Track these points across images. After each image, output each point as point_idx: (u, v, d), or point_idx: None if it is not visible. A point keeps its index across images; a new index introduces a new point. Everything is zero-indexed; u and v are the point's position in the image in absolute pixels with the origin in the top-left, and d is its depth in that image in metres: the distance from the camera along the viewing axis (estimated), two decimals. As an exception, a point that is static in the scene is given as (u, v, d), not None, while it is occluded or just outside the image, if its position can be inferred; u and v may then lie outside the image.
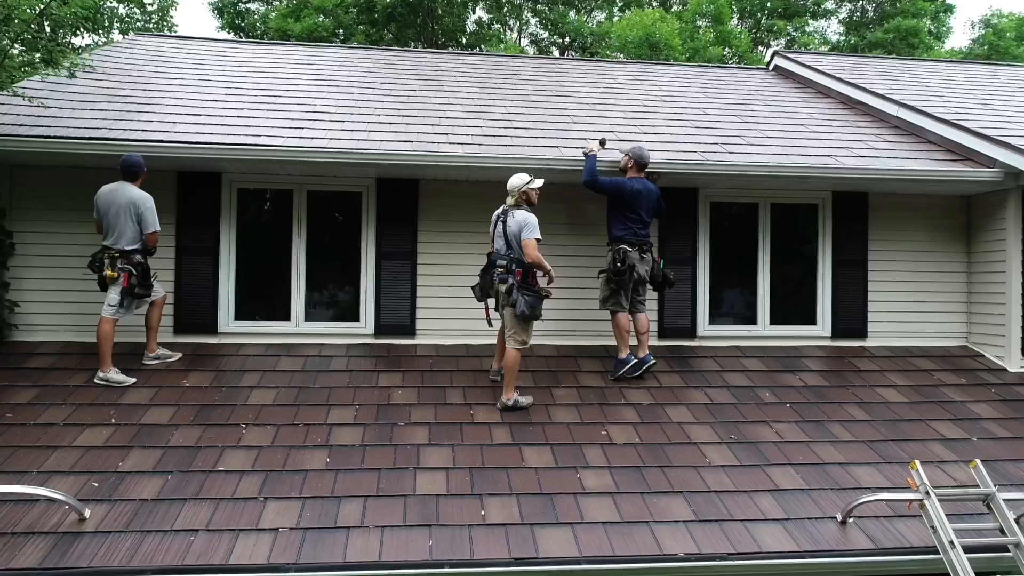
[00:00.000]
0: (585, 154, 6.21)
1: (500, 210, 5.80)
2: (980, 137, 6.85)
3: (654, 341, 6.90)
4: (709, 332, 7.04)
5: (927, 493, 4.27)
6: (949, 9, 20.61)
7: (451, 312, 6.68)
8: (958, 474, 5.09)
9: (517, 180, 5.75)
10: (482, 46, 18.55)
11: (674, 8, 19.89)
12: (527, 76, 9.45)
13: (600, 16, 21.04)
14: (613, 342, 6.61)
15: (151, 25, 15.80)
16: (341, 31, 17.57)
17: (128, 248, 5.58)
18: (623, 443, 5.25)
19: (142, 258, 5.61)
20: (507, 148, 6.50)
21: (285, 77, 8.34)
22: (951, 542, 4.05)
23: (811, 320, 7.21)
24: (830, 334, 7.16)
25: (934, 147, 7.38)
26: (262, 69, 8.63)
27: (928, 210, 7.33)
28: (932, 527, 4.19)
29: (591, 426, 5.46)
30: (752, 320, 7.14)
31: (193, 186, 6.51)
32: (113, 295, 5.61)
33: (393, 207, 6.71)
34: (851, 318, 7.19)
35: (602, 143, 6.28)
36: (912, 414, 5.90)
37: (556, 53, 21.58)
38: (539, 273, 5.68)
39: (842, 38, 21.04)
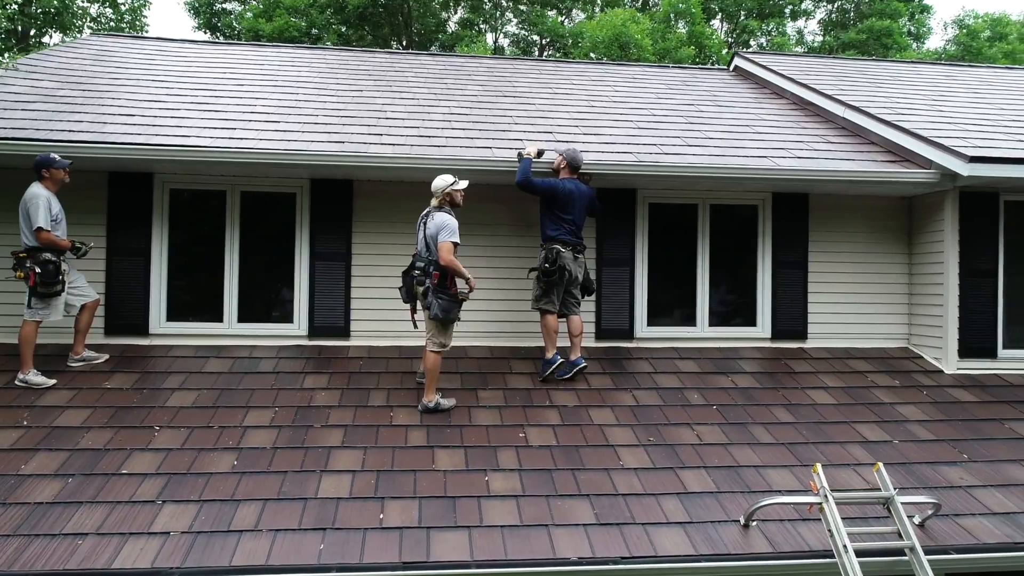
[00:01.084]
0: (520, 155, 6.19)
1: (425, 212, 5.78)
2: (917, 138, 6.84)
3: (591, 343, 6.89)
4: (647, 334, 7.01)
5: (825, 496, 4.25)
6: (926, 9, 20.60)
7: (386, 313, 6.64)
8: (872, 477, 5.06)
9: (440, 181, 5.73)
10: (455, 47, 18.51)
11: (655, 7, 19.86)
12: (480, 76, 9.42)
13: (582, 16, 21.02)
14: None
15: (124, 25, 15.75)
16: (315, 31, 17.55)
17: (33, 246, 5.54)
18: (539, 445, 5.22)
19: (52, 256, 5.56)
20: (439, 149, 6.48)
21: (230, 77, 8.31)
22: (844, 546, 4.03)
23: (751, 322, 7.18)
24: (770, 336, 7.13)
25: (876, 148, 7.36)
26: (208, 69, 8.60)
27: (869, 211, 7.31)
28: (829, 531, 4.17)
29: (510, 428, 5.43)
30: (691, 322, 7.12)
31: (124, 187, 6.48)
32: (30, 296, 5.59)
33: (327, 208, 6.69)
34: (791, 320, 7.16)
35: (539, 153, 6.24)
36: (838, 416, 5.88)
37: (536, 53, 21.57)
38: (460, 280, 5.62)
39: (819, 38, 21.03)
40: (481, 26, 21.25)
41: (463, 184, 5.77)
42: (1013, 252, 6.95)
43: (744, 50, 11.72)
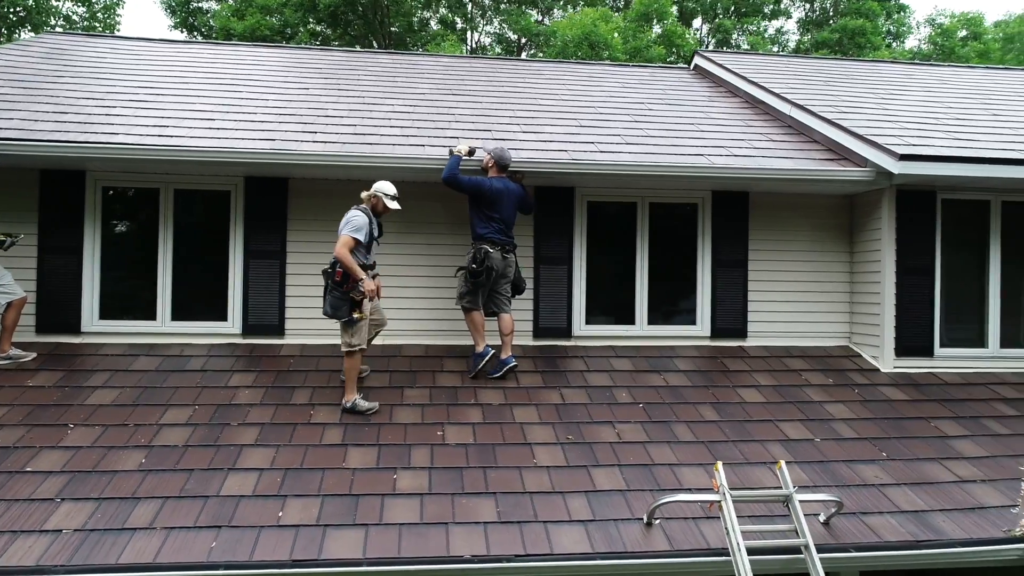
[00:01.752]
0: (450, 152, 6.18)
1: None
2: (854, 136, 6.83)
3: (528, 341, 6.88)
4: (585, 332, 7.00)
5: (724, 495, 4.24)
6: (903, 9, 20.57)
7: (315, 311, 6.63)
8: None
9: (376, 184, 5.75)
10: (426, 45, 18.51)
11: (629, 7, 19.88)
12: (433, 75, 9.40)
13: (561, 15, 21.04)
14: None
15: (96, 24, 15.73)
16: (289, 30, 17.54)
17: None
18: (455, 444, 5.21)
19: None
20: (370, 147, 6.46)
21: (175, 75, 8.29)
22: (738, 544, 4.02)
23: (690, 320, 7.17)
24: (709, 334, 7.12)
25: (818, 147, 7.35)
26: (155, 67, 8.58)
27: (811, 210, 7.30)
28: (726, 529, 4.16)
29: (430, 426, 5.42)
30: (630, 320, 7.10)
31: (56, 185, 6.46)
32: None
33: (262, 206, 6.67)
34: (730, 318, 7.15)
35: (471, 151, 6.23)
36: (765, 414, 5.87)
37: (516, 53, 21.55)
38: (365, 277, 5.59)
39: (796, 37, 21.04)
40: (459, 24, 21.20)
41: (393, 204, 5.74)
42: (951, 250, 6.94)
43: (705, 49, 11.68)
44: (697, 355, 6.88)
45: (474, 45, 23.64)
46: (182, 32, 19.54)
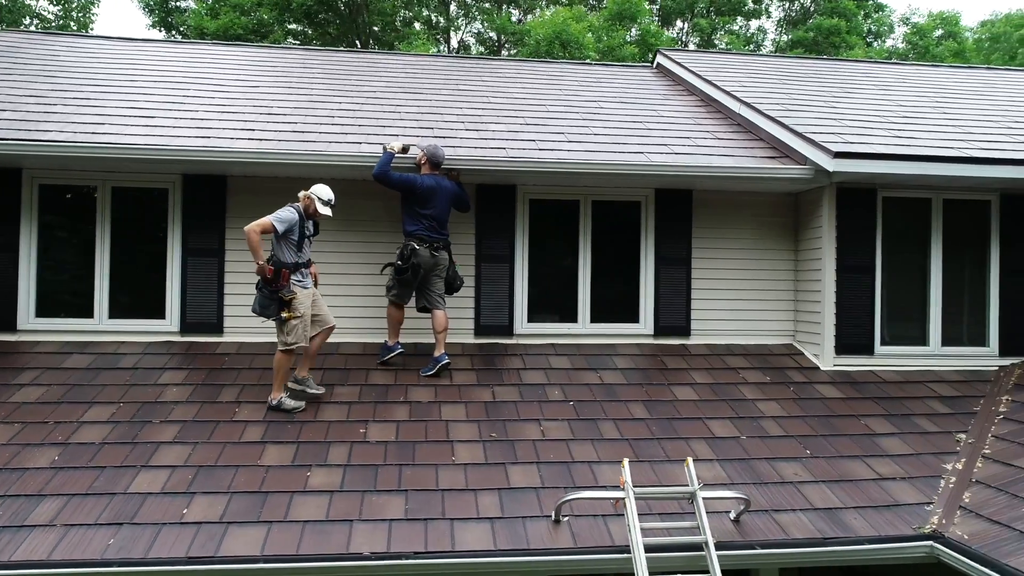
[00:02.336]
0: (384, 148, 6.17)
1: None
2: (795, 134, 6.82)
3: (469, 339, 6.88)
4: (527, 330, 6.99)
5: (628, 492, 4.23)
6: (881, 8, 20.54)
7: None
8: (705, 472, 5.04)
9: (314, 186, 5.75)
10: (398, 44, 18.50)
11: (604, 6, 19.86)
12: (387, 73, 9.39)
13: (544, 14, 21.04)
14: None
15: (71, 23, 15.72)
16: (263, 29, 17.50)
17: None
18: (376, 441, 5.20)
19: None
20: (307, 144, 6.45)
21: (122, 73, 8.26)
22: (637, 541, 4.02)
23: (633, 318, 7.16)
24: (652, 332, 7.11)
25: (763, 145, 7.35)
26: (104, 65, 8.56)
27: (756, 208, 7.29)
28: (628, 526, 4.15)
29: (354, 424, 5.41)
30: (572, 318, 7.09)
31: (-8, 182, 6.46)
32: None
33: (200, 204, 6.66)
34: (674, 316, 7.14)
35: (404, 149, 6.22)
36: (695, 412, 5.86)
37: (499, 52, 21.54)
38: (297, 277, 5.56)
39: (775, 37, 21.02)
40: (443, 23, 21.19)
41: (325, 211, 5.72)
42: (893, 248, 6.94)
43: (683, 48, 11.67)
44: (638, 353, 6.86)
45: (457, 44, 23.65)
46: (160, 31, 19.60)
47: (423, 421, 5.50)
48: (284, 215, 5.49)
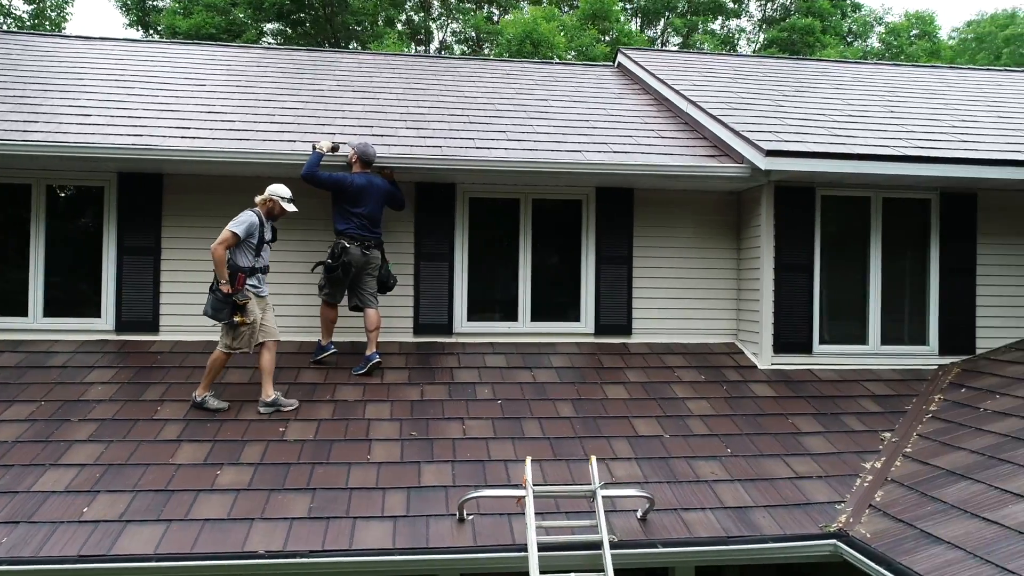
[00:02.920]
0: (313, 148, 6.16)
1: None
2: (733, 132, 6.81)
3: (408, 338, 6.87)
4: (467, 329, 6.97)
5: (528, 490, 4.22)
6: (858, 7, 20.52)
7: (198, 308, 6.60)
8: (621, 471, 5.04)
9: (270, 187, 5.74)
10: (369, 44, 18.49)
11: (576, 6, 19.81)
12: (341, 71, 9.37)
13: (521, 14, 21.05)
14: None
15: (45, 23, 15.70)
16: (237, 28, 17.45)
17: None
18: (293, 440, 5.19)
19: None
20: (239, 143, 6.43)
21: (67, 71, 8.24)
22: (532, 539, 4.00)
23: (575, 317, 7.15)
24: (593, 331, 7.10)
25: (705, 143, 7.34)
26: (50, 63, 8.53)
27: (699, 206, 7.28)
28: (527, 524, 4.13)
29: (274, 423, 5.40)
30: (513, 317, 7.08)
31: (-76, 180, 6.44)
32: None
33: (135, 202, 6.64)
34: (615, 315, 7.13)
35: (334, 148, 6.21)
36: (622, 411, 5.84)
37: (482, 52, 21.53)
38: (253, 282, 5.54)
39: (754, 36, 21.00)
40: (421, 19, 21.15)
41: (290, 207, 5.74)
42: (831, 247, 6.93)
43: (627, 47, 11.66)
44: (577, 352, 6.85)
45: (439, 44, 23.64)
46: (137, 30, 19.56)
47: (345, 420, 5.49)
48: (243, 219, 5.49)
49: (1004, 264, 7.13)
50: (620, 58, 10.82)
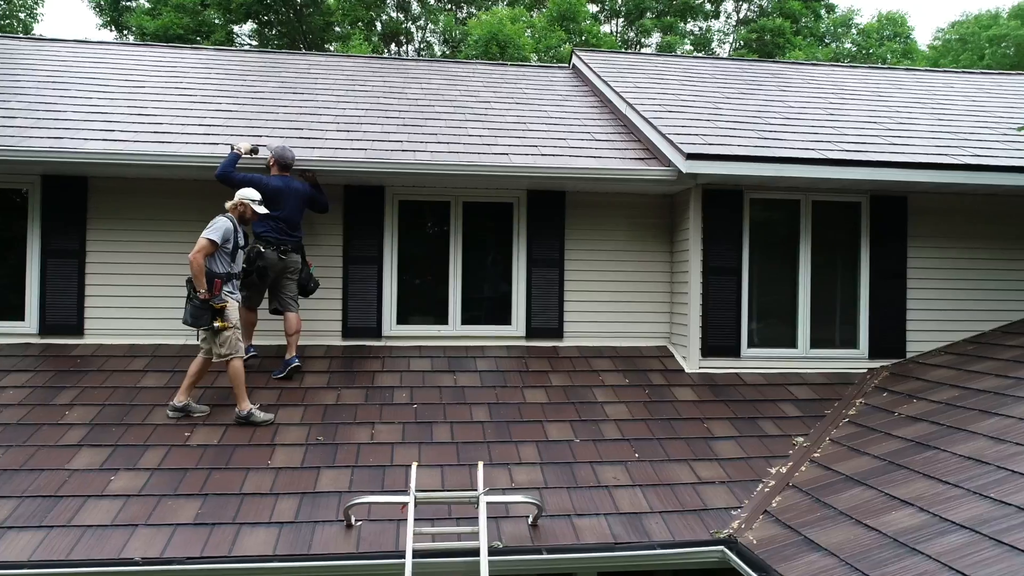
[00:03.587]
0: (231, 148, 6.13)
1: None
2: (661, 135, 6.79)
3: (337, 341, 6.84)
4: (397, 332, 6.95)
5: (411, 496, 4.19)
6: (831, 9, 20.49)
7: (124, 311, 6.62)
8: (522, 476, 5.01)
9: (240, 192, 5.76)
10: (332, 45, 18.46)
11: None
12: (290, 72, 9.34)
13: (499, 13, 21.03)
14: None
15: (14, 22, 15.66)
16: (206, 28, 17.39)
17: None
18: (196, 445, 5.17)
19: None
20: (161, 145, 6.40)
21: (5, 74, 8.22)
22: (410, 546, 3.98)
23: (506, 320, 7.12)
24: (524, 334, 7.07)
25: (639, 146, 7.33)
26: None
27: (632, 209, 7.26)
28: (408, 531, 4.11)
29: (181, 427, 5.38)
30: (444, 320, 7.06)
31: None
32: None
33: (59, 204, 6.61)
34: (546, 318, 7.10)
35: (253, 150, 6.19)
36: (537, 415, 5.82)
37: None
38: (228, 287, 5.53)
39: (722, 38, 20.99)
40: (400, 19, 21.11)
41: (261, 209, 5.76)
42: (760, 250, 6.91)
43: (581, 49, 11.63)
44: (505, 356, 6.83)
45: (418, 45, 23.61)
46: (111, 31, 19.53)
47: (252, 424, 5.46)
48: (219, 226, 5.48)
49: (936, 267, 7.11)
50: (574, 60, 10.79)
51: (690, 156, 6.20)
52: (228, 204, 5.77)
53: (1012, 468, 4.21)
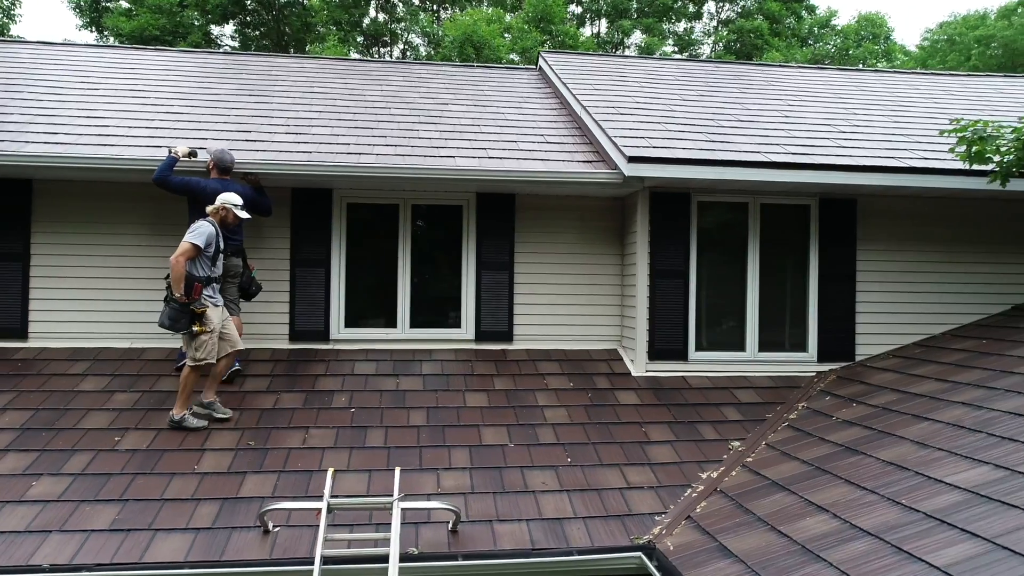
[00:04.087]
0: (169, 152, 6.11)
1: None
2: (608, 138, 6.77)
3: (284, 344, 6.82)
4: (345, 335, 6.93)
5: (325, 502, 4.17)
6: (812, 10, 20.46)
7: (71, 315, 6.61)
8: (449, 481, 4.99)
9: (221, 197, 5.74)
10: (307, 47, 18.42)
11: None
12: (251, 75, 9.31)
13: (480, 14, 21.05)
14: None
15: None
16: (182, 30, 17.33)
17: None
18: (125, 449, 5.15)
19: None
20: (101, 148, 6.37)
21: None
22: (320, 552, 3.96)
23: (455, 323, 7.11)
24: (474, 337, 7.05)
25: (589, 148, 7.31)
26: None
27: (583, 212, 7.24)
28: (324, 538, 4.09)
29: (112, 431, 5.35)
30: (393, 323, 7.04)
31: None
32: None
33: (3, 207, 6.59)
34: (495, 322, 7.08)
35: (191, 153, 6.17)
36: (475, 419, 5.80)
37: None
38: (208, 292, 5.50)
39: (699, 38, 20.93)
40: (385, 20, 21.08)
41: (243, 213, 5.75)
42: (709, 253, 6.89)
43: (548, 51, 11.61)
44: (452, 359, 6.80)
45: (403, 46, 23.60)
46: (92, 31, 19.48)
47: (184, 430, 5.43)
48: (202, 230, 5.45)
49: (886, 270, 7.09)
50: (540, 61, 10.77)
51: (632, 159, 6.19)
52: (209, 209, 5.75)
53: (928, 474, 4.20)
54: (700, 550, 4.16)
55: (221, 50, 11.24)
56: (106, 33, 19.25)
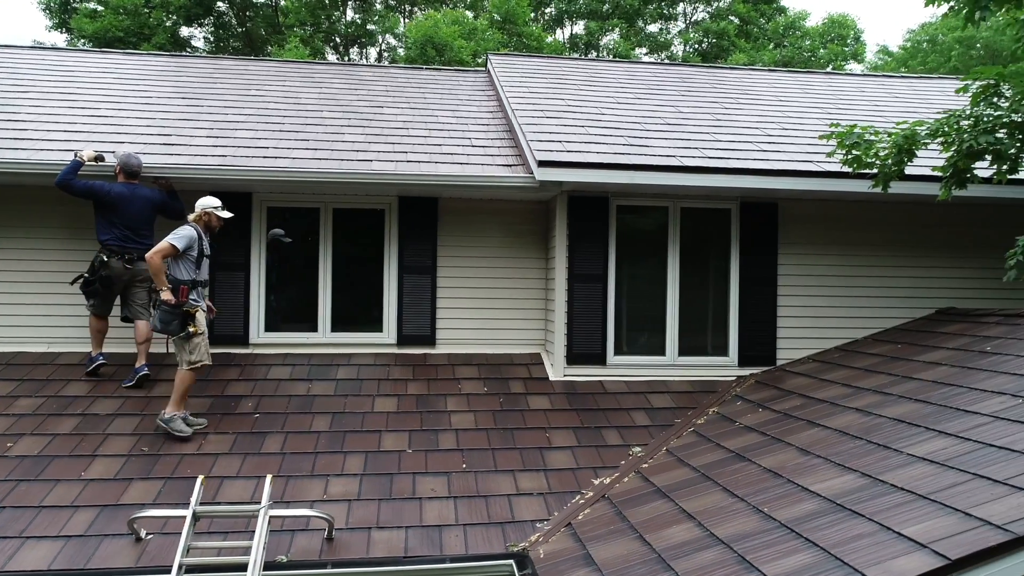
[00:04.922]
0: (75, 155, 6.08)
1: None
2: (526, 141, 6.75)
3: (202, 349, 6.78)
4: (265, 340, 6.91)
5: (192, 510, 4.15)
6: (783, 11, 20.44)
7: (11, 319, 6.60)
8: (336, 488, 4.97)
9: (200, 201, 5.78)
10: (267, 49, 18.37)
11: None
12: (191, 77, 9.29)
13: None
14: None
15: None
16: (147, 31, 17.24)
17: None
18: (15, 456, 5.12)
19: None
20: (17, 152, 6.35)
21: None
22: (178, 561, 3.93)
23: (378, 327, 7.09)
24: (396, 342, 7.03)
25: (514, 152, 7.29)
26: None
27: (508, 215, 7.22)
28: (184, 546, 4.06)
29: (6, 437, 5.32)
30: (313, 327, 7.01)
31: None
32: None
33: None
34: (417, 326, 7.06)
35: (98, 158, 6.14)
36: (378, 425, 5.78)
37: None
38: (194, 296, 5.51)
39: (678, 38, 20.91)
40: (358, 21, 21.04)
41: (225, 214, 5.80)
42: (628, 257, 6.88)
43: (495, 53, 11.60)
44: (371, 363, 6.78)
45: (381, 48, 23.57)
46: (61, 33, 19.43)
47: (82, 434, 5.42)
48: (183, 233, 5.49)
49: (808, 274, 7.08)
50: (489, 64, 10.75)
51: (542, 163, 6.17)
52: (191, 216, 5.77)
53: (798, 482, 4.18)
54: (567, 558, 4.14)
55: (172, 53, 11.18)
56: (74, 34, 19.22)
